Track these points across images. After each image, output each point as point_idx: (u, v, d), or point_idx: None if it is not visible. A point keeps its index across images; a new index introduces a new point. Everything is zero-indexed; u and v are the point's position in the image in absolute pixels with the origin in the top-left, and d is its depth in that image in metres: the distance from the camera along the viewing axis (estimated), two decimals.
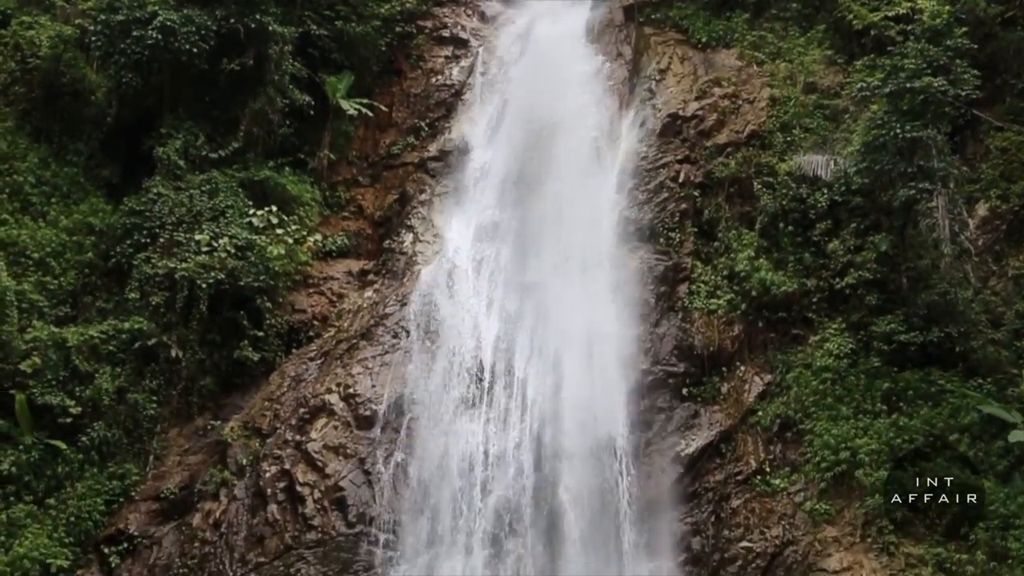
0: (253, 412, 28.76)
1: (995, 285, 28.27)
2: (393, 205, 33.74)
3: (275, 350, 29.96)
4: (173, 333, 29.05)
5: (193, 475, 27.91)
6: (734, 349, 29.09)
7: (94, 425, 27.80)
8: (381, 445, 27.45)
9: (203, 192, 30.71)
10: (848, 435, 26.54)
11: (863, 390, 27.32)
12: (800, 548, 25.59)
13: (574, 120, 32.52)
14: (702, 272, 30.23)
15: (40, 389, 27.41)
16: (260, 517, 26.78)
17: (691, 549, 26.35)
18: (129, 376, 28.66)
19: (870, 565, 24.86)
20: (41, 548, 25.86)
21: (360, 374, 28.59)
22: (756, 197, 30.64)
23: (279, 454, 27.51)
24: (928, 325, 27.25)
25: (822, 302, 29.04)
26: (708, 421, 28.02)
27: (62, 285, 29.49)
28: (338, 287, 31.61)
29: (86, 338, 28.36)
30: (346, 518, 26.49)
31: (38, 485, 26.97)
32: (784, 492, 26.59)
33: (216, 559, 26.39)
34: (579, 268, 29.45)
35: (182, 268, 29.14)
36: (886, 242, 28.17)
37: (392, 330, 29.48)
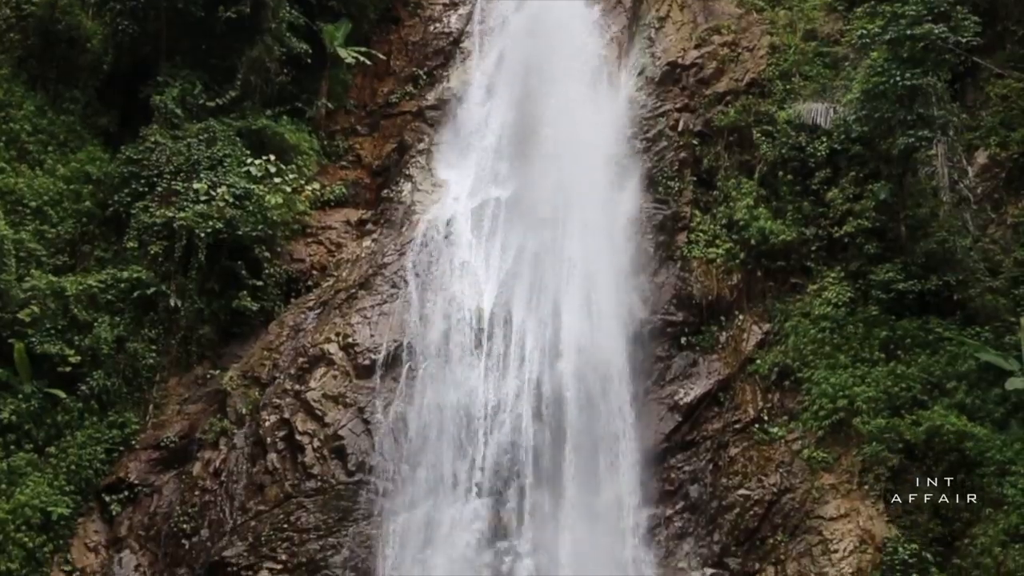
0: (252, 361, 28.79)
1: (994, 233, 28.24)
2: (391, 154, 33.61)
3: (274, 300, 29.93)
4: (172, 282, 29.02)
5: (193, 424, 27.99)
6: (733, 298, 29.12)
7: (93, 374, 27.80)
8: (380, 394, 27.48)
9: (201, 141, 30.56)
10: (846, 383, 26.62)
11: (861, 338, 27.36)
12: (797, 495, 25.75)
13: (573, 69, 32.26)
14: (701, 221, 30.21)
15: (39, 338, 27.41)
16: (260, 466, 26.89)
17: (689, 497, 26.50)
18: (128, 325, 28.65)
19: (867, 512, 25.03)
20: (42, 496, 25.98)
21: (359, 324, 28.58)
22: (755, 146, 30.59)
23: (278, 403, 27.57)
24: (926, 273, 27.28)
25: (821, 251, 29.04)
26: (707, 370, 28.10)
27: (60, 234, 29.45)
28: (336, 237, 31.55)
29: (84, 287, 28.33)
30: (346, 467, 26.59)
31: (38, 434, 27.03)
32: (782, 440, 26.72)
33: (216, 507, 26.53)
34: (578, 217, 29.30)
35: (180, 217, 29.06)
36: (885, 190, 28.10)
37: (391, 280, 29.44)
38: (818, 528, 25.20)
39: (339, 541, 25.77)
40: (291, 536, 25.79)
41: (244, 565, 25.56)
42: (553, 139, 30.65)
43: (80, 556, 26.17)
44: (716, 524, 26.00)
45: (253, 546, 25.73)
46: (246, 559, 25.62)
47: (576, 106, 31.11)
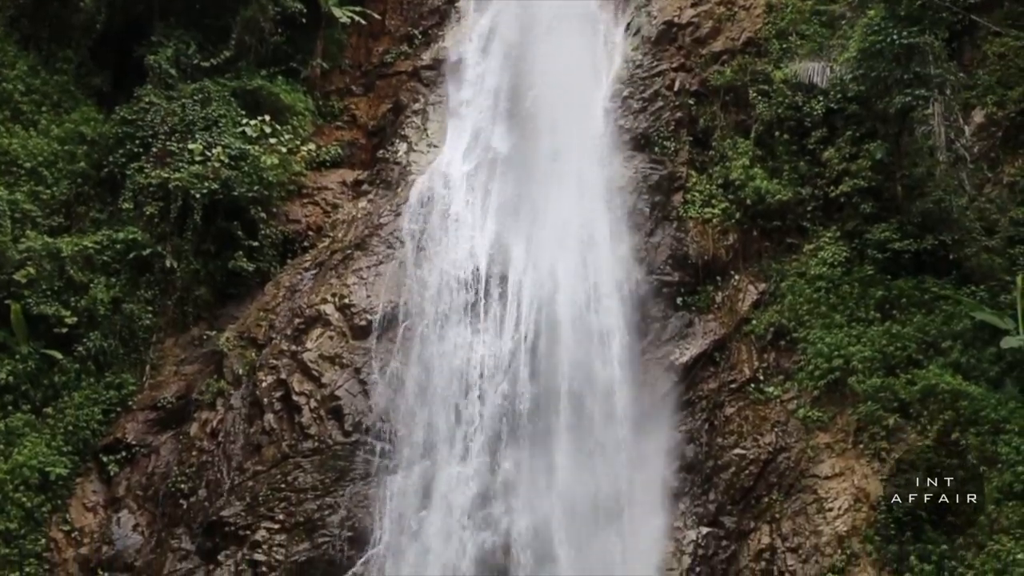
0: (248, 322, 28.82)
1: (990, 192, 28.18)
2: (387, 115, 33.45)
3: (270, 260, 29.89)
4: (167, 243, 28.96)
5: (190, 385, 28.04)
6: (728, 258, 29.08)
7: (90, 335, 27.83)
8: (377, 355, 27.49)
9: (195, 101, 30.43)
10: (841, 343, 26.60)
11: (857, 298, 27.34)
12: (792, 455, 25.81)
13: (568, 29, 32.07)
14: (697, 181, 30.12)
15: (35, 299, 27.42)
16: (257, 426, 26.96)
17: (685, 456, 26.55)
18: (124, 286, 28.63)
19: (862, 471, 25.09)
20: (40, 456, 26.06)
21: (355, 284, 28.58)
22: (751, 105, 30.43)
23: (275, 364, 27.60)
24: (922, 233, 27.25)
25: (817, 210, 28.97)
26: (702, 330, 28.09)
27: (55, 195, 29.33)
28: (332, 197, 31.47)
29: (80, 248, 28.28)
30: (342, 427, 26.65)
31: (36, 394, 27.10)
32: (777, 400, 26.75)
33: (214, 467, 26.62)
34: (574, 178, 29.24)
35: (175, 178, 28.97)
36: (881, 150, 28.03)
37: (386, 240, 29.40)
38: (813, 487, 25.25)
39: (336, 501, 25.83)
40: (288, 496, 25.87)
41: (242, 525, 25.65)
42: (549, 99, 30.52)
43: (79, 516, 26.27)
44: (712, 483, 26.06)
45: (251, 506, 25.81)
46: (244, 519, 25.71)
47: (572, 66, 30.98)
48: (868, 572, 23.76)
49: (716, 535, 25.51)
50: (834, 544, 24.36)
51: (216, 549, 25.57)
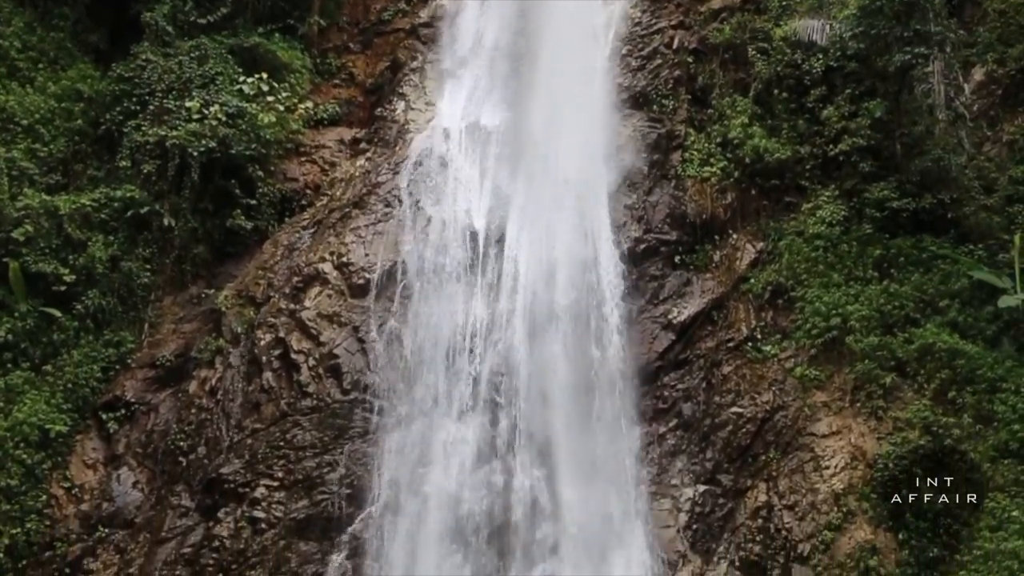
0: (247, 281, 28.79)
1: (989, 151, 28.17)
2: (385, 72, 33.27)
3: (268, 219, 29.82)
4: (165, 201, 28.92)
5: (188, 343, 28.06)
6: (727, 217, 29.07)
7: (88, 293, 27.82)
8: (375, 313, 27.52)
9: (192, 59, 30.31)
10: (839, 302, 26.63)
11: (855, 257, 27.36)
12: (790, 413, 25.87)
13: None
14: (695, 140, 30.09)
15: (33, 257, 27.42)
16: (255, 384, 26.99)
17: (682, 415, 26.62)
18: (122, 244, 28.61)
19: (858, 429, 25.16)
20: (40, 414, 26.11)
21: (353, 243, 28.56)
22: (750, 63, 30.37)
23: (273, 322, 27.62)
24: (921, 192, 27.24)
25: (815, 169, 28.95)
26: (700, 289, 28.11)
27: (52, 152, 29.29)
28: (330, 155, 31.38)
29: (78, 206, 28.26)
30: (341, 385, 26.70)
31: (35, 352, 27.13)
32: (775, 358, 26.78)
33: (213, 425, 26.67)
34: (572, 136, 29.10)
35: (173, 136, 28.90)
36: (880, 108, 27.98)
37: (384, 199, 29.36)
38: (810, 445, 25.31)
39: (335, 459, 25.89)
40: (287, 454, 25.93)
41: (241, 482, 25.72)
42: (547, 57, 30.35)
43: (79, 473, 26.34)
44: (709, 441, 26.13)
45: (250, 463, 25.88)
46: (243, 476, 25.78)
47: (570, 23, 30.80)
48: (864, 529, 23.86)
49: (713, 493, 25.60)
50: (830, 501, 24.43)
51: (216, 506, 25.64)
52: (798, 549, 24.24)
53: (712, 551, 25.05)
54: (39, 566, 25.20)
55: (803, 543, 24.24)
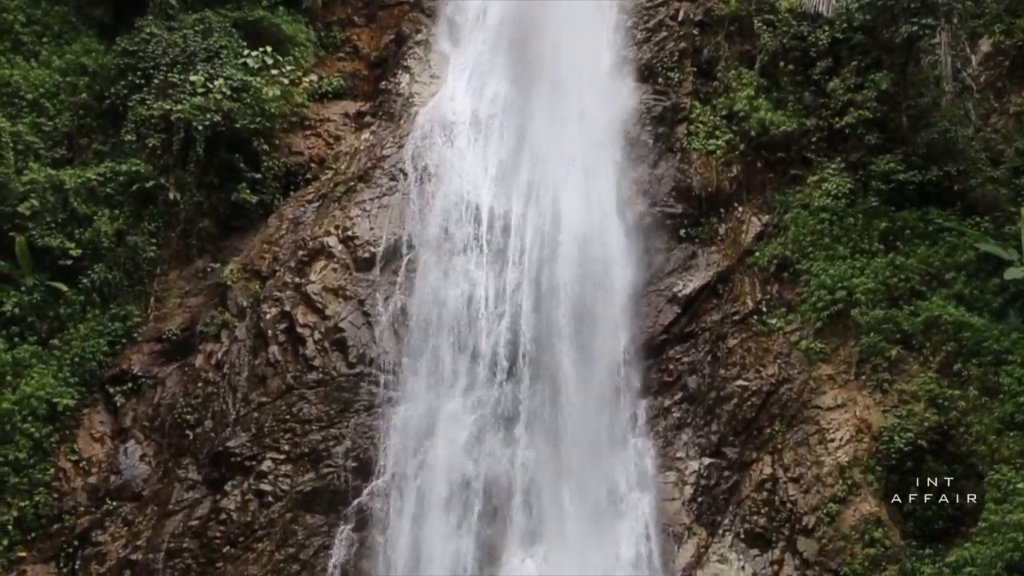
0: (252, 254, 28.81)
1: (996, 122, 28.08)
2: (389, 46, 33.16)
3: (273, 192, 29.81)
4: (170, 175, 28.90)
5: (194, 317, 28.10)
6: (732, 190, 29.01)
7: (94, 267, 27.86)
8: (380, 287, 27.53)
9: (196, 32, 30.22)
10: (845, 274, 26.57)
11: (860, 230, 27.27)
12: (795, 386, 25.86)
13: None
14: (701, 112, 30.00)
15: (39, 231, 27.48)
16: (261, 358, 27.02)
17: (687, 388, 26.62)
18: (128, 218, 28.62)
19: (864, 402, 25.15)
20: (47, 387, 26.20)
21: (358, 216, 28.55)
22: (756, 35, 30.24)
23: (279, 296, 27.65)
24: (927, 164, 27.15)
25: (821, 142, 28.82)
26: (705, 262, 28.08)
27: (57, 127, 29.28)
28: (335, 129, 31.33)
29: (83, 180, 28.26)
30: (346, 359, 26.73)
31: (41, 326, 27.21)
32: (780, 331, 26.73)
33: (219, 399, 26.73)
34: (577, 109, 29.06)
35: (177, 110, 28.85)
36: (887, 80, 27.85)
37: (389, 172, 29.33)
38: (815, 418, 25.31)
39: (341, 432, 25.96)
40: (293, 427, 25.99)
41: (248, 455, 25.79)
42: (552, 30, 30.22)
43: (86, 446, 26.45)
44: (714, 414, 26.13)
45: (256, 437, 25.94)
46: (249, 449, 25.85)
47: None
48: (869, 502, 23.89)
49: (718, 466, 25.62)
50: (835, 474, 24.45)
51: (223, 479, 25.71)
52: (803, 521, 24.26)
53: (717, 523, 25.05)
54: (48, 538, 25.33)
55: (808, 515, 24.28)
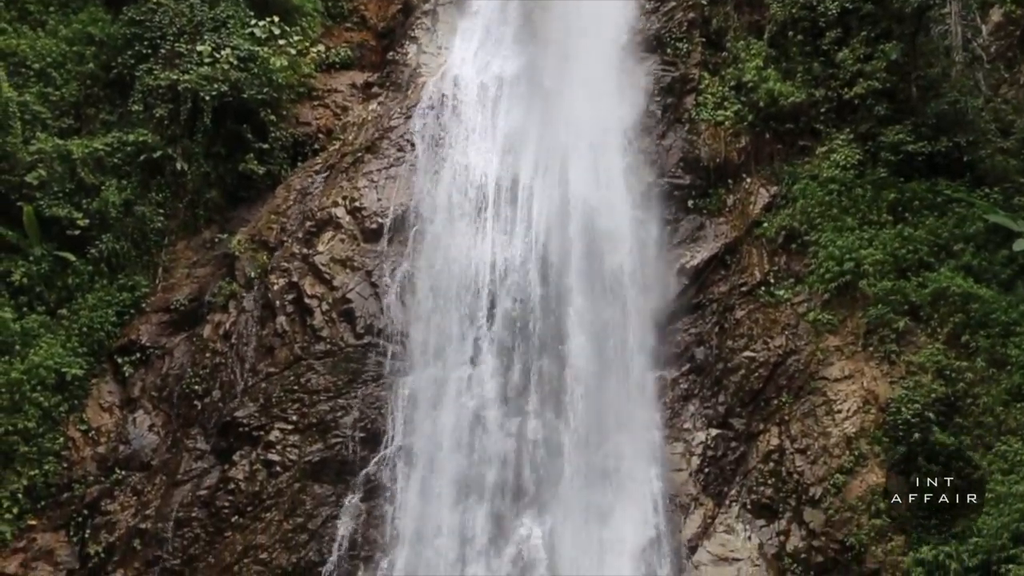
0: (260, 225, 28.81)
1: (1006, 93, 28.02)
2: (396, 15, 33.02)
3: (280, 163, 29.76)
4: (178, 146, 28.86)
5: (202, 287, 28.13)
6: (740, 161, 28.96)
7: (102, 237, 27.85)
8: (388, 258, 27.54)
9: (203, 2, 30.02)
10: (853, 246, 26.54)
11: (869, 201, 27.24)
12: (802, 357, 25.89)
13: None
14: (709, 83, 29.93)
15: (47, 201, 27.47)
16: (269, 328, 27.07)
17: (695, 359, 26.68)
18: (135, 189, 28.54)
19: (871, 373, 25.17)
20: (56, 357, 26.25)
21: (366, 187, 28.54)
22: (765, 5, 30.17)
23: (286, 267, 27.66)
24: (936, 135, 27.09)
25: (830, 112, 28.75)
26: (713, 233, 28.07)
27: (64, 96, 29.21)
28: (342, 100, 31.26)
29: (91, 150, 28.20)
30: (354, 329, 26.76)
31: (50, 296, 27.25)
32: (788, 303, 26.75)
33: (227, 369, 26.80)
34: (585, 80, 28.90)
35: (185, 80, 28.75)
36: (896, 50, 27.72)
37: (397, 143, 29.30)
38: (822, 389, 25.35)
39: (349, 403, 26.02)
40: (301, 397, 26.05)
41: (256, 425, 25.86)
42: (560, 1, 30.16)
43: (95, 416, 26.54)
44: (721, 386, 26.19)
45: (264, 407, 26.00)
46: (258, 420, 25.92)
47: None
48: (876, 473, 23.94)
49: (725, 436, 25.71)
50: (842, 445, 24.51)
51: (231, 449, 25.80)
52: (810, 492, 24.35)
53: (724, 494, 25.17)
54: (58, 507, 25.46)
55: (815, 486, 24.37)
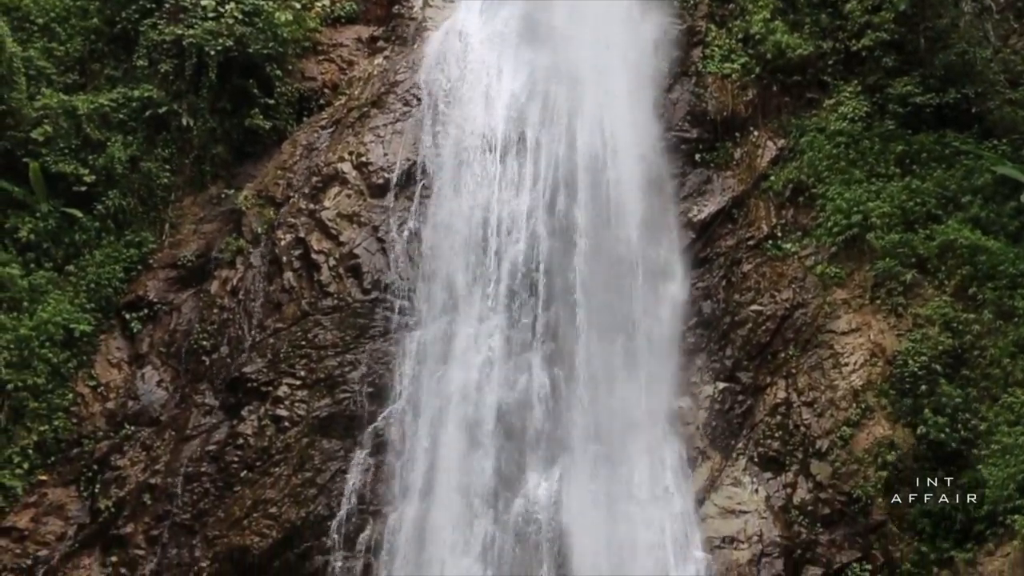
0: (266, 181, 28.79)
1: (1015, 43, 27.79)
2: None
3: (286, 118, 29.69)
4: (183, 101, 28.80)
5: (209, 243, 28.14)
6: (748, 114, 28.83)
7: (108, 193, 27.87)
8: (394, 213, 27.49)
9: None
10: (860, 198, 26.46)
11: (877, 153, 27.16)
12: (809, 310, 25.88)
13: None
14: (716, 35, 29.76)
15: (53, 157, 27.48)
16: (276, 284, 27.09)
17: (702, 313, 26.66)
18: (141, 145, 28.57)
19: (878, 326, 25.17)
20: (64, 313, 26.32)
21: (372, 142, 28.45)
22: None
23: (293, 222, 27.66)
24: (945, 86, 26.97)
25: (838, 65, 28.61)
26: (720, 187, 27.99)
27: (69, 52, 29.18)
28: (348, 54, 31.13)
29: (96, 106, 28.17)
30: (361, 285, 26.76)
31: (57, 252, 27.33)
32: (795, 256, 26.72)
33: (235, 325, 26.85)
34: (591, 33, 28.74)
35: (189, 35, 28.64)
36: (905, 1, 27.51)
37: (403, 97, 29.19)
38: (829, 342, 25.36)
39: (356, 358, 26.03)
40: (309, 353, 26.08)
41: (264, 381, 25.91)
42: None
43: (104, 372, 26.64)
44: (728, 339, 26.20)
45: (272, 362, 26.05)
46: (266, 375, 25.97)
47: None
48: (882, 425, 24.00)
49: (732, 390, 25.74)
50: (849, 398, 24.55)
51: (239, 404, 25.85)
52: (816, 445, 24.41)
53: (731, 447, 25.22)
54: (68, 462, 25.58)
55: (821, 439, 24.42)
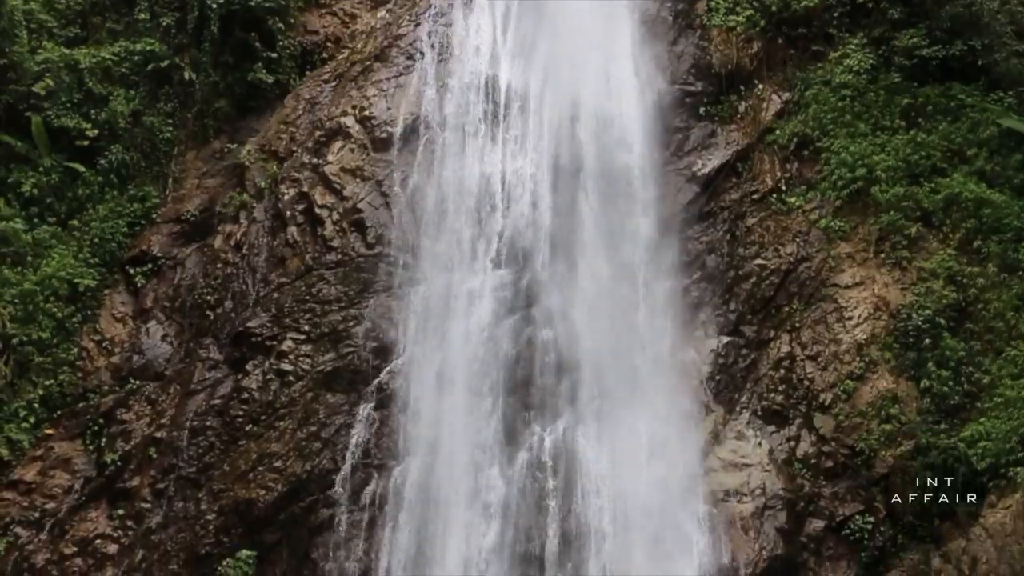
0: (269, 135, 28.72)
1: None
2: None
3: (289, 72, 29.58)
4: (185, 55, 28.72)
5: (212, 198, 28.12)
6: (752, 67, 28.69)
7: (111, 148, 27.80)
8: (398, 167, 27.44)
9: None
10: (865, 152, 26.38)
11: (882, 106, 27.05)
12: (814, 264, 25.88)
13: None
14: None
15: (55, 111, 27.39)
16: (280, 239, 27.08)
17: (706, 267, 26.64)
18: (144, 99, 28.49)
19: (882, 280, 25.18)
20: (68, 268, 26.34)
21: (375, 96, 28.36)
22: None
23: (296, 177, 27.61)
24: (951, 38, 26.80)
25: (843, 17, 28.42)
26: (725, 140, 27.91)
27: (70, 5, 28.94)
28: (350, 7, 30.93)
29: (98, 60, 28.06)
30: (365, 239, 26.76)
31: (60, 207, 27.30)
32: (799, 210, 26.67)
33: (239, 279, 26.87)
34: None
35: None
36: None
37: (406, 51, 29.08)
38: (833, 296, 25.37)
39: (360, 312, 26.06)
40: (313, 307, 26.13)
41: (268, 335, 25.96)
42: None
43: (108, 326, 26.68)
44: (732, 293, 26.21)
45: (276, 317, 26.10)
46: (270, 329, 26.02)
47: None
48: (886, 378, 24.04)
49: (736, 344, 25.76)
50: (853, 352, 24.57)
51: (244, 359, 25.90)
52: (820, 398, 24.47)
53: (735, 401, 25.28)
54: (73, 416, 25.66)
55: (825, 392, 24.47)
